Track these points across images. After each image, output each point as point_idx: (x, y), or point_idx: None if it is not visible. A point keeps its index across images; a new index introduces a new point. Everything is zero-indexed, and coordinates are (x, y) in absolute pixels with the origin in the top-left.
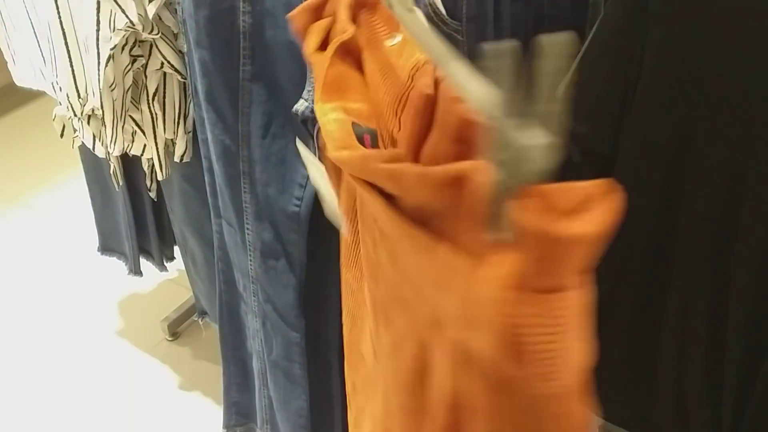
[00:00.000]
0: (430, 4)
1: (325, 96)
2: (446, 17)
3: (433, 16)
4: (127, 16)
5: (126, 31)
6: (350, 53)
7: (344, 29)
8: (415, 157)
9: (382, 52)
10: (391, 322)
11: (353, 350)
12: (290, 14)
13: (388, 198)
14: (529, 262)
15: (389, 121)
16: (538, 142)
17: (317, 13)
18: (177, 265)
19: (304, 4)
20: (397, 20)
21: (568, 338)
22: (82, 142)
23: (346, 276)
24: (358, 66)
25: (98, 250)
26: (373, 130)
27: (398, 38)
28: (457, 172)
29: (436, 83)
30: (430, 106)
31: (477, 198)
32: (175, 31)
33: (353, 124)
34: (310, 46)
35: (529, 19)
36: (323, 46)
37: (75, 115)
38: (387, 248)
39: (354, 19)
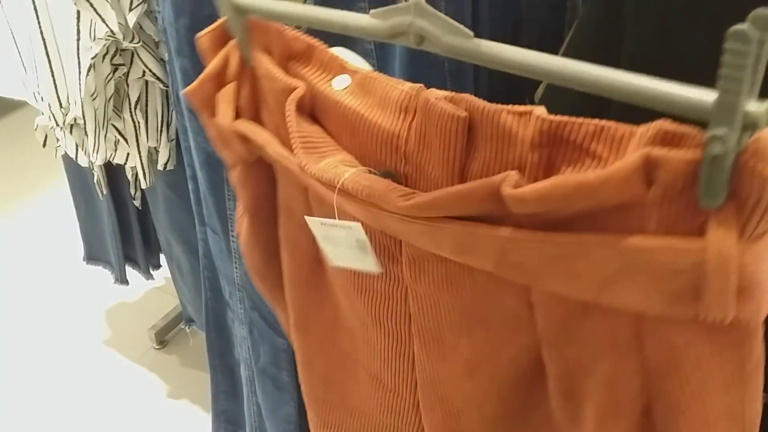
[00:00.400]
0: None
1: (311, 158)
2: None
3: None
4: (107, 26)
5: (107, 40)
6: (301, 108)
7: (288, 86)
8: (461, 177)
9: (338, 97)
10: (449, 346)
11: (333, 408)
12: (188, 90)
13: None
14: (755, 213)
15: (386, 160)
16: (762, 108)
17: (220, 80)
18: (163, 273)
19: (204, 75)
20: (336, 63)
21: None
22: (65, 152)
23: (308, 340)
24: (312, 118)
25: (83, 260)
26: (388, 172)
27: (346, 79)
28: (646, 162)
29: (457, 104)
30: (465, 127)
31: (678, 176)
32: (156, 40)
33: (370, 171)
34: (225, 115)
35: (508, 24)
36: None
37: (57, 125)
38: (434, 279)
39: (285, 72)
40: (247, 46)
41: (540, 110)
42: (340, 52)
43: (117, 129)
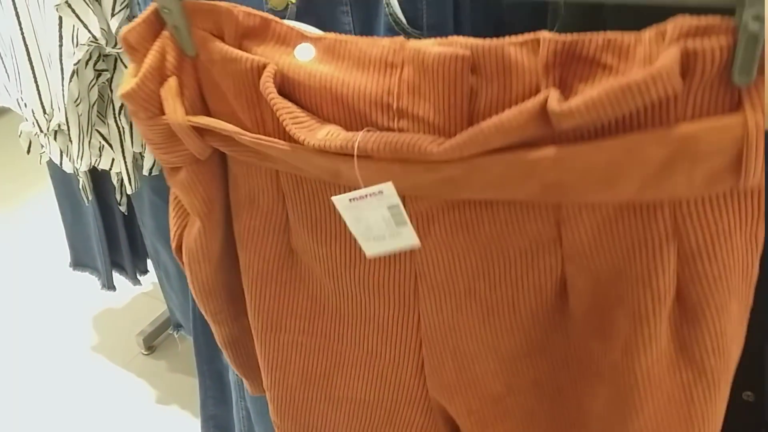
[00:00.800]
0: (391, 14)
1: (307, 133)
2: (407, 26)
3: (393, 25)
4: (89, 31)
5: (89, 45)
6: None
7: (256, 64)
8: (469, 119)
9: (309, 67)
10: (463, 295)
11: (315, 405)
12: (128, 91)
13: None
14: None
15: (378, 120)
16: None
17: (160, 76)
18: (150, 279)
19: (143, 73)
20: (295, 34)
21: None
22: (50, 158)
23: (282, 338)
24: (281, 95)
25: (70, 266)
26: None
27: (310, 49)
28: (684, 55)
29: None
30: (469, 66)
31: (714, 62)
32: None
33: (369, 131)
34: (176, 111)
35: (489, 26)
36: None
37: (41, 131)
38: (447, 228)
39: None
40: (187, 33)
41: (546, 33)
42: (295, 24)
43: (101, 135)
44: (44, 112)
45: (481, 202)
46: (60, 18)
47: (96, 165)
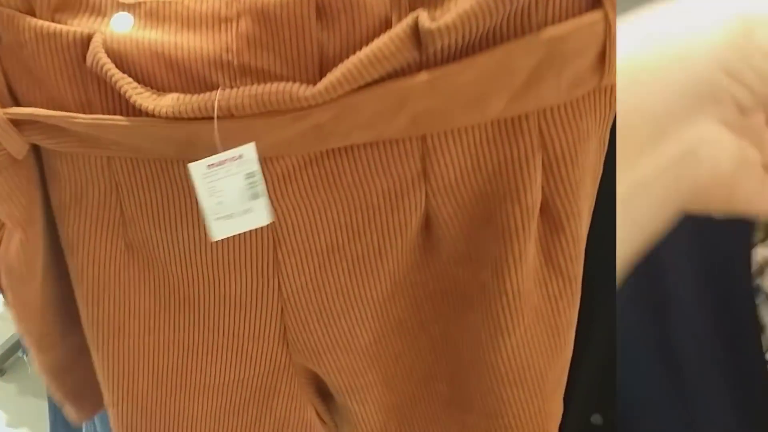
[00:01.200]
0: None
1: (155, 103)
2: None
3: None
4: None
5: None
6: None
7: (80, 36)
8: (321, 63)
9: (133, 36)
10: (327, 250)
11: (170, 404)
12: None
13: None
14: None
15: (219, 80)
16: None
17: None
18: (0, 300)
19: None
20: (110, 2)
21: None
22: None
23: (126, 342)
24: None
25: None
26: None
27: (128, 17)
28: None
29: None
30: (314, 8)
31: None
32: None
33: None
34: None
35: None
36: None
37: None
38: (308, 184)
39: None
40: None
41: None
42: None
43: None
44: None
45: (342, 150)
46: None
47: None
